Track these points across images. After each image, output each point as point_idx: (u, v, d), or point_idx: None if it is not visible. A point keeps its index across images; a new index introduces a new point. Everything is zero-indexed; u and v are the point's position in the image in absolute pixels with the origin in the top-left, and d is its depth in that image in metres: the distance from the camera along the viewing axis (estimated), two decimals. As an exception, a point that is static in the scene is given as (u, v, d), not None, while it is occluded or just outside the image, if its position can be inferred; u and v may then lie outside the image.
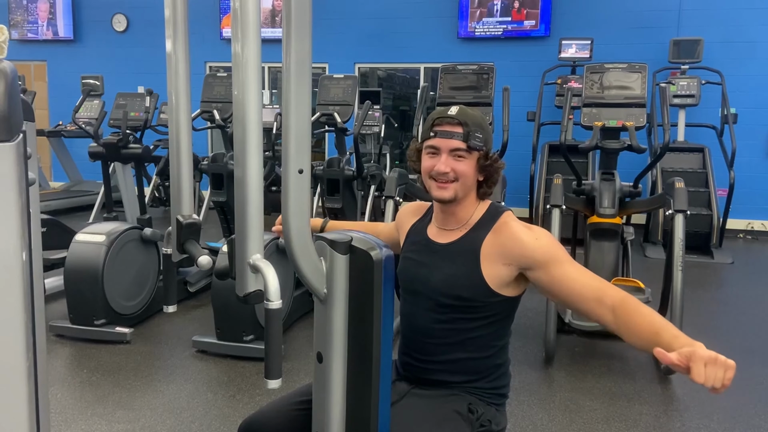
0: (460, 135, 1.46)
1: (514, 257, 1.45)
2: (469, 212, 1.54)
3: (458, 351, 1.50)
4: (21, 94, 0.87)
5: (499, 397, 1.55)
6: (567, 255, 1.46)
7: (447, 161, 1.47)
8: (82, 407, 2.77)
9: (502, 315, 1.51)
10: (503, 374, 1.56)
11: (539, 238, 1.45)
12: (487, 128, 1.51)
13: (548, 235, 1.48)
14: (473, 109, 1.54)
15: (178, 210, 1.42)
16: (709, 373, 1.13)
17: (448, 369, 1.51)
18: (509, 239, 1.46)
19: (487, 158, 1.50)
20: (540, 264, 1.42)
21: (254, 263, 1.10)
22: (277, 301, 1.09)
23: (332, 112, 4.71)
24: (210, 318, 3.42)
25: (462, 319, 1.48)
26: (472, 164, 1.48)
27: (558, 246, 1.46)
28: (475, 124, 1.47)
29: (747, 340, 3.72)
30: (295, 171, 1.17)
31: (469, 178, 1.49)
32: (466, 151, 1.47)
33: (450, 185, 1.48)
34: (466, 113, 1.49)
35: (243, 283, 1.12)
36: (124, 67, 8.77)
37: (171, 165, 1.43)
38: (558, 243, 1.48)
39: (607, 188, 3.64)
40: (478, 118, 1.50)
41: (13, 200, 0.82)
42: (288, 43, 1.12)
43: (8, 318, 0.83)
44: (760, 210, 7.07)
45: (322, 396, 1.32)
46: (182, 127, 1.42)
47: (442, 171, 1.47)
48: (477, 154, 1.48)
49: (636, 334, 1.27)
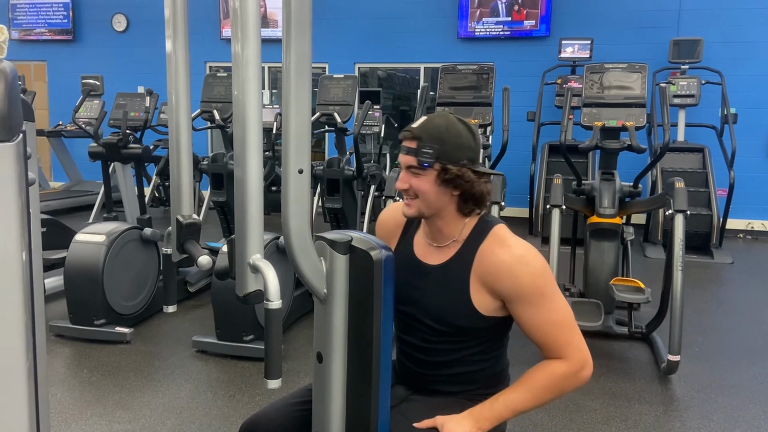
0: (413, 150, 1.38)
1: (498, 290, 1.39)
2: (454, 229, 1.44)
3: (454, 366, 1.48)
4: (21, 94, 0.87)
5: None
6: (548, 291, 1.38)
7: (405, 177, 1.41)
8: (82, 407, 2.77)
9: (497, 330, 1.48)
10: (502, 380, 1.56)
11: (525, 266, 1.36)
12: (449, 139, 1.37)
13: (535, 265, 1.37)
14: (444, 117, 1.42)
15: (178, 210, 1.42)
16: None
17: (446, 381, 1.50)
18: (495, 271, 1.38)
19: (447, 172, 1.36)
20: (520, 299, 1.38)
21: (254, 263, 1.10)
22: (277, 301, 1.09)
23: (332, 112, 4.71)
24: (210, 318, 3.42)
25: (456, 341, 1.46)
26: (430, 180, 1.38)
27: (543, 281, 1.37)
28: (431, 137, 1.37)
29: (747, 340, 3.72)
30: (295, 171, 1.17)
31: (430, 194, 1.39)
32: (419, 168, 1.38)
33: (413, 202, 1.42)
34: (426, 125, 1.39)
35: (243, 283, 1.12)
36: (124, 67, 8.77)
37: (171, 165, 1.43)
38: (545, 275, 1.38)
39: (607, 188, 3.63)
40: (438, 129, 1.38)
41: (13, 200, 0.82)
42: (288, 43, 1.12)
43: (8, 318, 0.83)
44: (760, 210, 7.07)
45: (322, 396, 1.32)
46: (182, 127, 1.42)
47: (400, 188, 1.42)
48: (433, 169, 1.37)
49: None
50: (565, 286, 3.99)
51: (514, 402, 1.38)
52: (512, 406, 1.38)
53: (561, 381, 1.38)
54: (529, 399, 1.38)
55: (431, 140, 1.37)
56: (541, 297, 1.37)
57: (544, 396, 1.38)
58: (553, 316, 1.38)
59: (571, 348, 1.38)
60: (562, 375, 1.38)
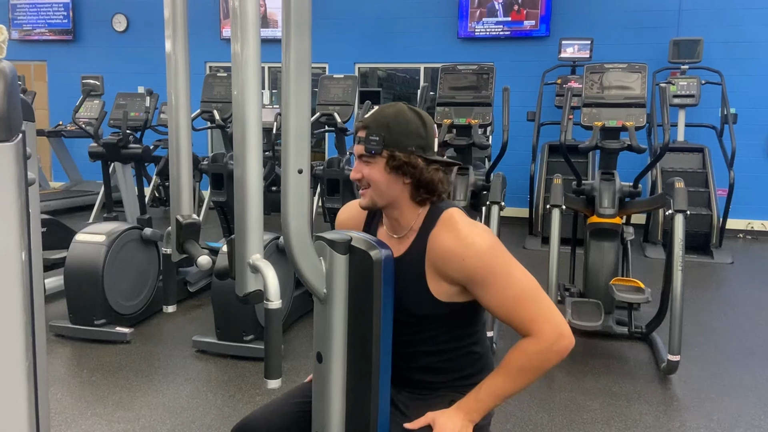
0: (363, 139, 1.40)
1: (450, 276, 1.37)
2: (409, 219, 1.45)
3: (428, 356, 1.47)
4: (21, 94, 0.87)
5: None
6: (501, 266, 1.35)
7: (357, 167, 1.43)
8: (82, 407, 2.77)
9: (463, 316, 1.45)
10: (484, 366, 1.52)
11: (470, 247, 1.34)
12: (396, 127, 1.39)
13: (482, 244, 1.35)
14: (394, 107, 1.43)
15: (178, 210, 1.42)
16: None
17: (425, 371, 1.49)
18: (442, 257, 1.37)
19: (395, 159, 1.38)
20: (474, 282, 1.35)
21: (254, 263, 1.10)
22: (276, 301, 1.09)
23: (332, 112, 4.71)
24: (210, 318, 3.42)
25: (422, 330, 1.45)
26: (379, 168, 1.39)
27: (494, 258, 1.35)
28: (378, 125, 1.39)
29: (747, 340, 3.72)
30: (294, 171, 1.17)
31: (381, 182, 1.40)
32: (369, 156, 1.40)
33: (366, 192, 1.43)
34: (376, 115, 1.42)
35: (243, 283, 1.12)
36: (124, 67, 8.77)
37: (171, 165, 1.43)
38: (495, 252, 1.35)
39: (607, 188, 3.63)
40: (386, 118, 1.40)
41: (12, 200, 0.82)
42: (288, 43, 1.12)
43: (8, 318, 0.83)
44: (760, 210, 7.06)
45: (322, 396, 1.32)
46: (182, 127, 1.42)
47: (353, 178, 1.44)
48: (381, 157, 1.39)
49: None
50: (565, 286, 3.99)
51: (497, 388, 1.36)
52: (495, 392, 1.36)
53: (536, 358, 1.34)
54: (509, 383, 1.36)
55: (379, 128, 1.39)
56: (492, 275, 1.34)
57: (524, 377, 1.35)
58: (510, 292, 1.34)
59: (539, 321, 1.33)
60: (535, 352, 1.33)
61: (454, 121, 3.88)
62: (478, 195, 3.87)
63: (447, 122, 3.89)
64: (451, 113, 3.92)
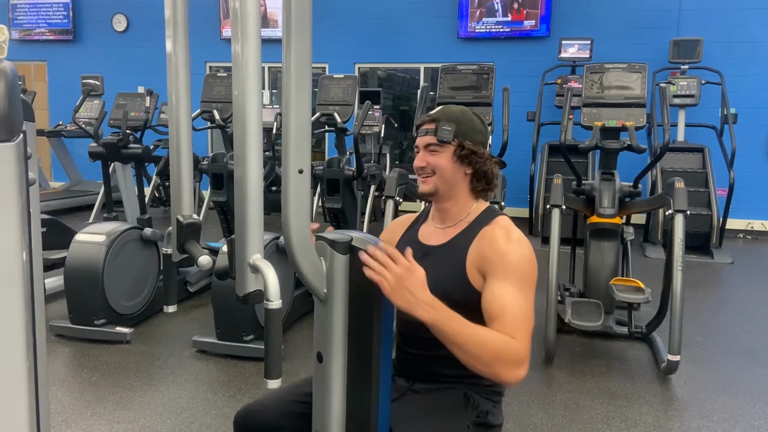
0: (432, 131, 1.51)
1: (485, 265, 1.43)
2: (463, 210, 1.55)
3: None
4: (21, 94, 0.87)
5: (495, 395, 1.54)
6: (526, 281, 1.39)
7: (423, 156, 1.53)
8: (82, 407, 2.77)
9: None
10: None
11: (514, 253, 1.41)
12: (464, 121, 1.52)
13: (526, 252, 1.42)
14: (459, 107, 1.57)
15: (178, 210, 1.42)
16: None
17: (442, 363, 1.48)
18: (486, 248, 1.44)
19: (464, 148, 1.50)
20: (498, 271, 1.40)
21: (254, 263, 1.10)
22: (277, 301, 1.09)
23: (332, 112, 4.71)
24: (210, 318, 3.42)
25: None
26: (447, 156, 1.51)
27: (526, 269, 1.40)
28: (448, 119, 1.51)
29: (747, 340, 3.72)
30: (295, 171, 1.17)
31: (447, 170, 1.51)
32: (437, 145, 1.50)
33: (429, 179, 1.53)
34: (445, 110, 1.55)
35: (243, 283, 1.12)
36: (124, 67, 8.77)
37: (171, 165, 1.43)
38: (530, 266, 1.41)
39: (607, 188, 3.63)
40: (455, 113, 1.54)
41: (13, 200, 0.82)
42: (288, 43, 1.12)
43: (8, 318, 0.83)
44: (760, 210, 7.07)
45: (322, 396, 1.32)
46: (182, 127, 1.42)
47: (418, 165, 1.54)
48: (450, 146, 1.50)
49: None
50: (565, 286, 3.99)
51: (465, 329, 1.30)
52: (461, 330, 1.29)
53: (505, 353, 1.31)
54: (473, 342, 1.29)
55: (448, 120, 1.51)
56: (518, 279, 1.38)
57: (483, 350, 1.30)
58: (519, 302, 1.36)
59: (522, 339, 1.34)
60: (510, 350, 1.31)
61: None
62: (478, 195, 3.87)
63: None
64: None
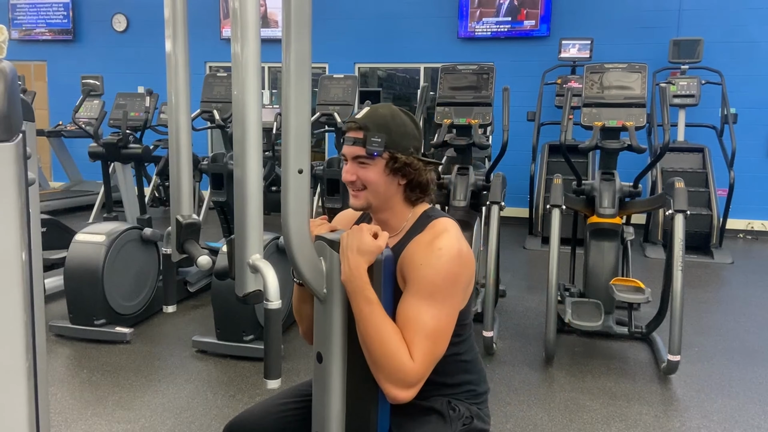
0: (360, 141, 1.36)
1: (405, 276, 1.34)
2: (401, 220, 1.44)
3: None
4: (21, 94, 0.87)
5: (477, 396, 1.49)
6: (439, 296, 1.29)
7: (351, 169, 1.39)
8: (82, 407, 2.77)
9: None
10: (473, 372, 1.49)
11: (430, 264, 1.30)
12: (395, 128, 1.38)
13: (444, 264, 1.29)
14: (388, 108, 1.42)
15: (178, 210, 1.42)
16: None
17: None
18: (408, 258, 1.34)
19: (396, 161, 1.37)
20: (411, 284, 1.31)
21: (254, 263, 1.10)
22: (276, 301, 1.08)
23: (332, 112, 4.71)
24: (210, 318, 3.42)
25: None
26: (378, 170, 1.37)
27: (440, 283, 1.29)
28: (377, 126, 1.36)
29: (747, 340, 3.72)
30: (295, 171, 1.17)
31: (379, 185, 1.38)
32: (367, 158, 1.37)
33: (360, 194, 1.41)
34: (371, 115, 1.39)
35: (242, 283, 1.12)
36: (124, 67, 8.76)
37: (171, 165, 1.43)
38: (447, 279, 1.30)
39: (607, 188, 3.63)
40: (384, 118, 1.38)
41: (12, 200, 0.82)
42: (288, 43, 1.12)
43: (8, 318, 0.83)
44: (760, 210, 7.06)
45: (322, 396, 1.32)
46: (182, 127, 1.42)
47: (347, 180, 1.41)
48: (381, 159, 1.37)
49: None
50: (565, 286, 3.99)
51: (374, 316, 1.24)
52: (369, 313, 1.24)
53: (396, 368, 1.24)
54: (375, 333, 1.24)
55: (378, 129, 1.37)
56: (428, 294, 1.28)
57: (380, 350, 1.24)
58: (425, 319, 1.27)
59: (418, 362, 1.25)
60: (401, 369, 1.24)
61: (453, 121, 3.88)
62: (478, 195, 3.87)
63: (447, 122, 3.89)
64: (451, 113, 3.92)
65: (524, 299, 4.45)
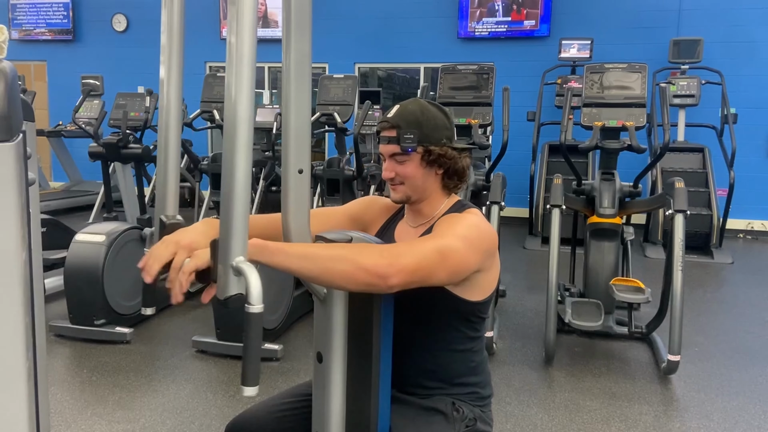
0: (394, 139, 1.42)
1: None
2: (434, 208, 1.49)
3: (427, 354, 1.44)
4: (21, 94, 0.87)
5: (481, 399, 1.50)
6: (464, 233, 1.29)
7: (389, 166, 1.45)
8: (82, 407, 2.77)
9: (462, 317, 1.42)
10: (479, 374, 1.50)
11: (454, 219, 1.37)
12: (426, 122, 1.43)
13: (471, 219, 1.36)
14: (416, 103, 1.46)
15: (163, 210, 1.36)
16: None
17: (421, 374, 1.45)
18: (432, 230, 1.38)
19: (431, 153, 1.42)
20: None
21: (237, 265, 1.05)
22: (258, 305, 1.03)
23: (332, 112, 4.71)
24: (210, 318, 3.42)
25: (423, 319, 1.42)
26: (415, 164, 1.43)
27: (462, 226, 1.31)
28: (409, 123, 1.41)
29: (747, 340, 3.72)
30: (295, 171, 1.17)
31: (417, 178, 1.44)
32: (402, 154, 1.42)
33: (399, 187, 1.46)
34: (402, 113, 1.44)
35: (224, 285, 1.06)
36: (124, 67, 8.76)
37: (158, 164, 1.38)
38: (470, 228, 1.32)
39: (607, 188, 3.63)
40: (414, 114, 1.43)
41: (12, 200, 0.82)
42: (288, 43, 1.12)
43: (8, 318, 0.83)
44: (760, 210, 7.06)
45: (322, 396, 1.32)
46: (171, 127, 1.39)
47: (386, 177, 1.46)
48: (416, 153, 1.42)
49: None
50: (565, 286, 3.99)
51: (306, 249, 1.16)
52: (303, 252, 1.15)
53: (371, 248, 1.20)
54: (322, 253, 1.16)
55: (410, 126, 1.41)
56: (446, 230, 1.31)
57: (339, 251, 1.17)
58: (436, 238, 1.28)
59: (405, 252, 1.20)
60: (377, 247, 1.22)
61: (454, 121, 3.88)
62: (478, 195, 3.88)
63: (447, 122, 3.89)
64: (451, 113, 3.92)
65: (524, 299, 4.45)
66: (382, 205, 1.62)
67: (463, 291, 1.38)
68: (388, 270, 1.15)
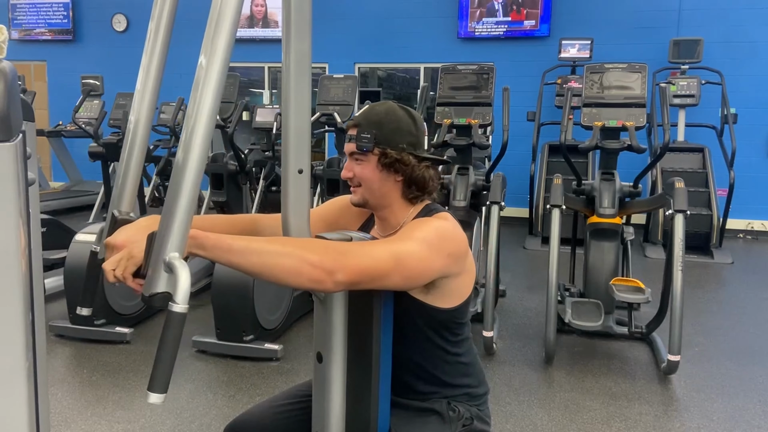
0: (353, 137, 1.38)
1: None
2: (399, 217, 1.43)
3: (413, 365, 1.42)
4: (21, 94, 0.87)
5: (476, 398, 1.49)
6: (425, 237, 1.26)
7: (348, 165, 1.41)
8: (82, 407, 2.77)
9: (440, 325, 1.39)
10: (471, 375, 1.49)
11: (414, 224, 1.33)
12: (387, 123, 1.38)
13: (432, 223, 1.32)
14: (385, 105, 1.43)
15: (117, 205, 1.31)
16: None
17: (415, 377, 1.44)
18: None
19: (387, 156, 1.36)
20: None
21: (170, 261, 0.98)
22: (184, 305, 0.97)
23: (332, 112, 4.71)
24: (210, 318, 3.42)
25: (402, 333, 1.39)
26: (371, 166, 1.38)
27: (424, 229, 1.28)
28: (370, 123, 1.38)
29: (747, 340, 3.72)
30: (295, 171, 1.17)
31: (374, 181, 1.39)
32: (360, 154, 1.38)
33: (357, 189, 1.42)
34: (367, 113, 1.41)
35: (152, 281, 1.00)
36: (124, 67, 8.73)
37: (122, 159, 1.31)
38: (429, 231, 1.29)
39: (607, 188, 3.63)
40: (378, 115, 1.39)
41: (12, 200, 0.82)
42: (288, 43, 1.12)
43: (8, 318, 0.83)
44: (760, 210, 7.06)
45: (322, 396, 1.32)
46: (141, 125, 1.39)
47: (344, 176, 1.43)
48: (373, 155, 1.37)
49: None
50: (565, 286, 3.99)
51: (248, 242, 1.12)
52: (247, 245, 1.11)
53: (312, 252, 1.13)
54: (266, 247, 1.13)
55: (370, 126, 1.38)
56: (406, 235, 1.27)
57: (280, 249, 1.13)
58: (378, 244, 1.24)
59: (356, 251, 1.18)
60: (321, 242, 1.18)
61: (454, 121, 3.88)
62: (478, 195, 3.87)
63: (447, 122, 3.89)
64: (451, 113, 3.92)
65: (524, 299, 4.45)
66: (357, 209, 1.55)
67: (435, 299, 1.36)
68: (333, 265, 1.12)
